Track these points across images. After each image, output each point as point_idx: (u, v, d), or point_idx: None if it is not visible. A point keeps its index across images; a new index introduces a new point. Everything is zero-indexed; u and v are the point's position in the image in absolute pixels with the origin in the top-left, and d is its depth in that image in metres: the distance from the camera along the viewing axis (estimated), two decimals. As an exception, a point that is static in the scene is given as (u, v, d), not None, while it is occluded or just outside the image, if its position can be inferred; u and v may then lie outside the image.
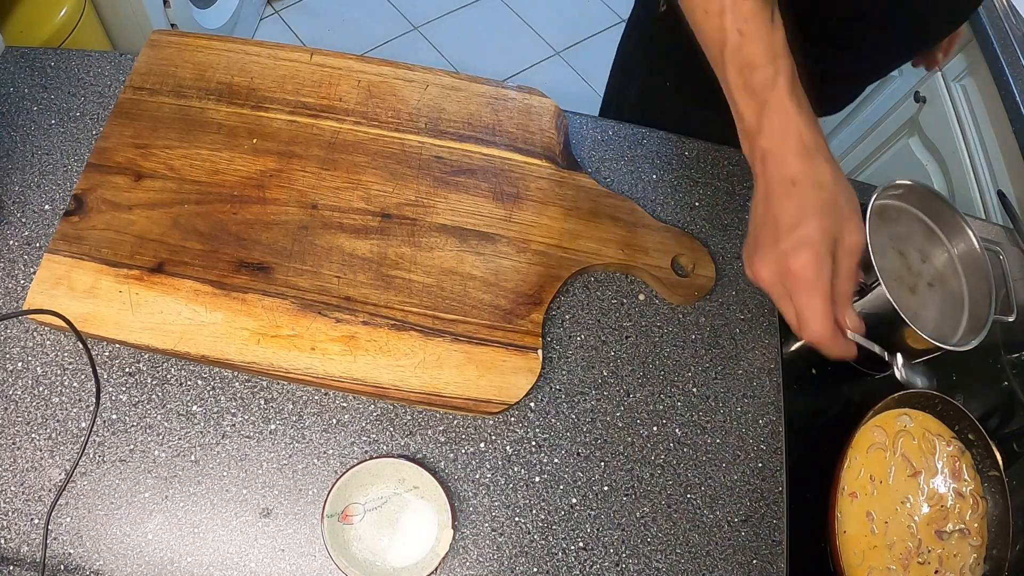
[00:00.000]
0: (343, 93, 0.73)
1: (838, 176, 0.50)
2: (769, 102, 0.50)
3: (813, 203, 0.48)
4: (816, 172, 0.49)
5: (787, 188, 0.49)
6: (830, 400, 0.71)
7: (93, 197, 0.65)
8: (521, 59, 2.18)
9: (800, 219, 0.48)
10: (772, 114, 0.49)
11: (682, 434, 0.65)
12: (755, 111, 0.50)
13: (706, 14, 0.52)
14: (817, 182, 0.48)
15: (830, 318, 0.48)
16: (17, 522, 0.55)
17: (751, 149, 0.51)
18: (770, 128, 0.50)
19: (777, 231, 0.49)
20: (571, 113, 0.78)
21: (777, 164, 0.49)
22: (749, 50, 0.50)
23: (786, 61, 0.50)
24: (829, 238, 0.48)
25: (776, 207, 0.49)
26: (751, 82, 0.50)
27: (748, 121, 0.51)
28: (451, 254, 0.66)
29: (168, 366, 0.62)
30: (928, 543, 0.65)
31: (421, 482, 0.58)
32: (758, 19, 0.50)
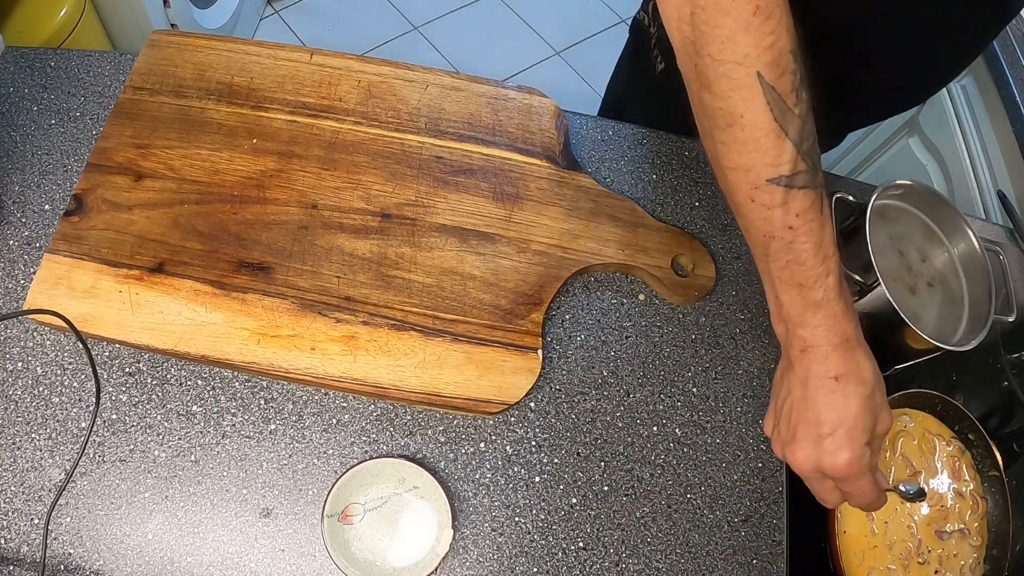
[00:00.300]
0: (343, 93, 0.73)
1: (875, 369, 0.50)
2: (816, 300, 0.48)
3: (855, 401, 0.49)
4: (859, 369, 0.49)
5: (829, 384, 0.49)
6: (830, 400, 0.71)
7: (93, 197, 0.65)
8: (521, 59, 2.17)
9: (843, 418, 0.49)
10: (819, 312, 0.49)
11: (682, 434, 0.65)
12: (800, 306, 0.49)
13: (753, 203, 0.48)
14: (860, 378, 0.49)
15: (877, 490, 0.51)
16: (17, 522, 0.55)
17: (788, 335, 0.51)
18: (814, 323, 0.49)
19: (819, 428, 0.49)
20: (571, 113, 0.78)
21: (821, 360, 0.49)
22: (799, 247, 0.48)
23: (835, 259, 0.49)
24: (869, 432, 0.50)
25: (818, 402, 0.49)
26: (798, 277, 0.48)
27: (789, 311, 0.50)
28: (451, 254, 0.66)
29: (168, 366, 0.62)
30: (928, 543, 0.65)
31: (421, 482, 0.58)
32: (809, 214, 0.47)
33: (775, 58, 0.45)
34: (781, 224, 0.48)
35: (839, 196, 0.70)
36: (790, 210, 0.47)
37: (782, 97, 0.46)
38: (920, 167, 1.32)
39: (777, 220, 0.48)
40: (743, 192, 0.49)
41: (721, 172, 0.50)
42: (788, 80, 0.46)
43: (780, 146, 0.46)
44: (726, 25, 0.44)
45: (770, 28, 0.44)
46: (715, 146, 0.49)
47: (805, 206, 0.47)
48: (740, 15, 0.44)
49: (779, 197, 0.47)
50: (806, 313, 0.49)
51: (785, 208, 0.47)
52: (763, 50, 0.45)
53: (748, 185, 0.48)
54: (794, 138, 0.46)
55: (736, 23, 0.44)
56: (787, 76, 0.45)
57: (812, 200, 0.48)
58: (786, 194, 0.47)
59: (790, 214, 0.47)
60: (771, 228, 0.48)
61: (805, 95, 0.47)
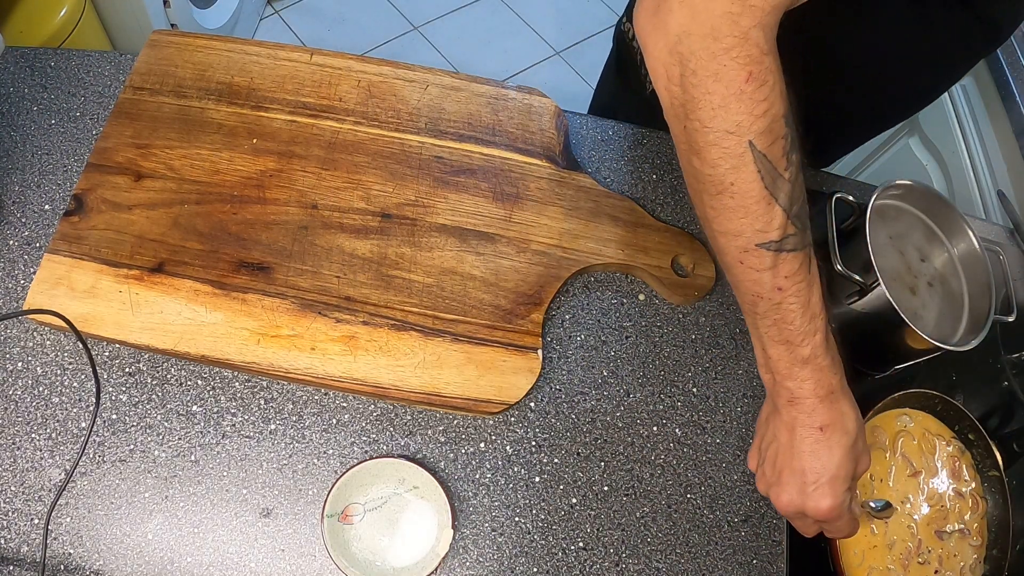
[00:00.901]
0: (343, 93, 0.73)
1: (857, 417, 0.52)
2: (804, 356, 0.49)
3: (839, 451, 0.50)
4: (843, 419, 0.51)
5: (815, 434, 0.50)
6: (830, 400, 0.71)
7: (93, 197, 0.65)
8: (521, 59, 2.17)
9: (826, 467, 0.50)
10: (806, 367, 0.50)
11: (682, 434, 0.65)
12: (787, 361, 0.50)
13: (742, 266, 0.48)
14: (843, 429, 0.51)
15: (854, 524, 0.54)
16: (17, 522, 0.55)
17: (775, 385, 0.52)
18: (802, 377, 0.50)
19: (804, 476, 0.51)
20: (571, 113, 0.78)
21: (808, 412, 0.50)
22: (787, 308, 0.48)
23: (822, 317, 0.50)
24: (850, 478, 0.51)
25: (803, 450, 0.51)
26: (785, 335, 0.49)
27: (777, 365, 0.51)
28: (451, 254, 0.66)
29: (168, 366, 0.62)
30: (928, 543, 0.65)
31: (421, 482, 0.58)
32: (798, 276, 0.48)
33: (768, 125, 0.44)
34: (770, 286, 0.48)
35: (839, 196, 0.70)
36: (779, 273, 0.48)
37: (773, 164, 0.45)
38: (920, 167, 1.32)
39: (766, 282, 0.48)
40: (732, 255, 0.49)
41: (710, 233, 0.50)
42: (779, 146, 0.45)
43: (770, 213, 0.46)
44: (717, 92, 0.43)
45: (763, 95, 0.43)
46: (704, 209, 0.49)
47: (793, 268, 0.48)
48: (732, 82, 0.43)
49: (768, 261, 0.47)
50: (793, 368, 0.50)
51: (774, 271, 0.48)
52: (755, 118, 0.44)
53: (737, 249, 0.48)
54: (784, 204, 0.46)
55: (728, 90, 0.43)
56: (779, 142, 0.45)
57: (800, 262, 0.48)
58: (775, 258, 0.47)
59: (779, 276, 0.48)
60: (759, 289, 0.49)
61: (795, 157, 0.46)
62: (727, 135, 0.44)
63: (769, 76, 0.43)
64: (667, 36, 0.44)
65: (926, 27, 0.66)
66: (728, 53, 0.43)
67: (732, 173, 0.45)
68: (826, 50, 0.67)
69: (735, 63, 0.43)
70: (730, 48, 0.43)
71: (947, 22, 0.66)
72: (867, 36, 0.67)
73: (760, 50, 0.43)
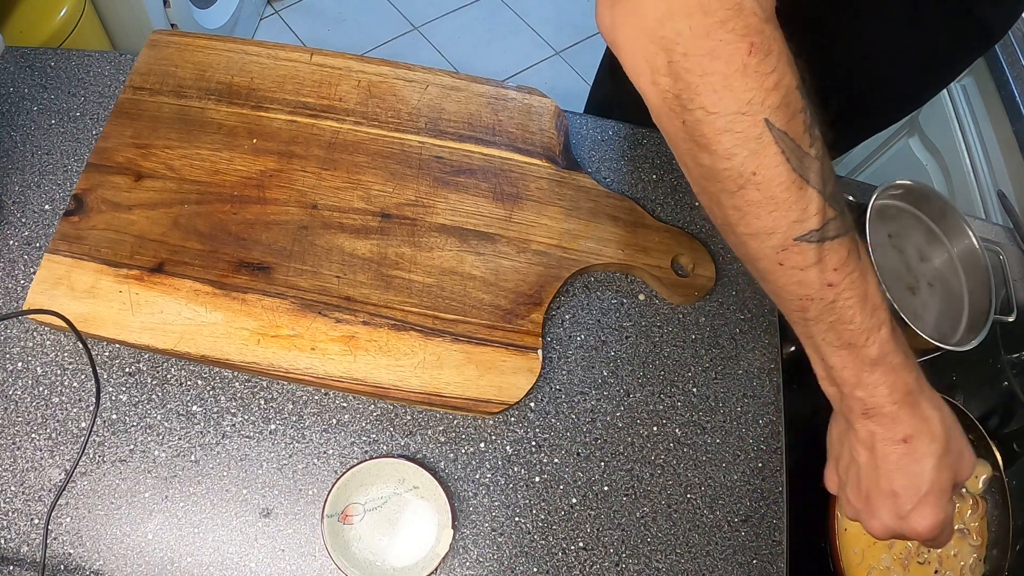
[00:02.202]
0: (343, 93, 0.73)
1: (943, 416, 0.46)
2: (872, 358, 0.44)
3: (929, 462, 0.45)
4: (928, 424, 0.45)
5: (899, 449, 0.45)
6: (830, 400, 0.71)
7: (93, 197, 0.65)
8: (521, 59, 2.17)
9: (919, 484, 0.45)
10: (876, 370, 0.44)
11: (682, 434, 0.65)
12: (854, 367, 0.44)
13: (782, 268, 0.42)
14: (930, 435, 0.45)
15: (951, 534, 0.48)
16: (17, 522, 0.55)
17: (843, 398, 0.46)
18: (873, 383, 0.44)
19: (896, 499, 0.46)
20: (571, 113, 0.78)
21: (888, 424, 0.45)
22: (843, 305, 0.42)
23: (884, 307, 0.44)
24: (949, 489, 0.46)
25: (889, 470, 0.45)
26: (846, 337, 0.43)
27: (842, 374, 0.45)
28: (451, 254, 0.66)
29: (168, 366, 0.62)
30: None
31: (421, 482, 0.58)
32: (848, 266, 0.42)
33: (782, 99, 0.38)
34: (819, 284, 0.42)
35: (839, 196, 0.70)
36: (826, 266, 0.41)
37: (796, 142, 0.39)
38: (920, 167, 1.32)
39: (813, 281, 0.42)
40: (767, 259, 0.42)
41: (736, 240, 0.43)
42: (799, 121, 0.39)
43: (804, 198, 0.40)
44: (718, 71, 0.38)
45: (770, 67, 0.38)
46: (724, 212, 0.42)
47: (842, 257, 0.41)
48: (733, 57, 0.37)
49: (812, 255, 0.41)
50: (862, 374, 0.44)
51: (820, 266, 0.41)
52: (767, 92, 0.38)
53: (773, 250, 0.42)
54: (816, 184, 0.40)
55: (729, 67, 0.38)
56: (798, 117, 0.39)
57: (848, 248, 0.42)
58: (819, 250, 0.41)
59: (827, 271, 0.41)
60: (807, 291, 0.42)
61: (818, 132, 0.41)
62: (739, 116, 0.38)
63: (773, 45, 0.38)
64: (642, 23, 0.39)
65: (921, 27, 0.66)
66: (723, 27, 0.37)
67: (752, 160, 0.39)
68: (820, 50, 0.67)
69: (732, 36, 0.37)
70: (724, 21, 0.37)
71: (942, 22, 0.66)
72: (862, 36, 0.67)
73: (758, 18, 0.38)
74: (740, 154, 0.39)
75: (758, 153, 0.39)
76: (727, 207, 0.42)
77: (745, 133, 0.39)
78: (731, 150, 0.39)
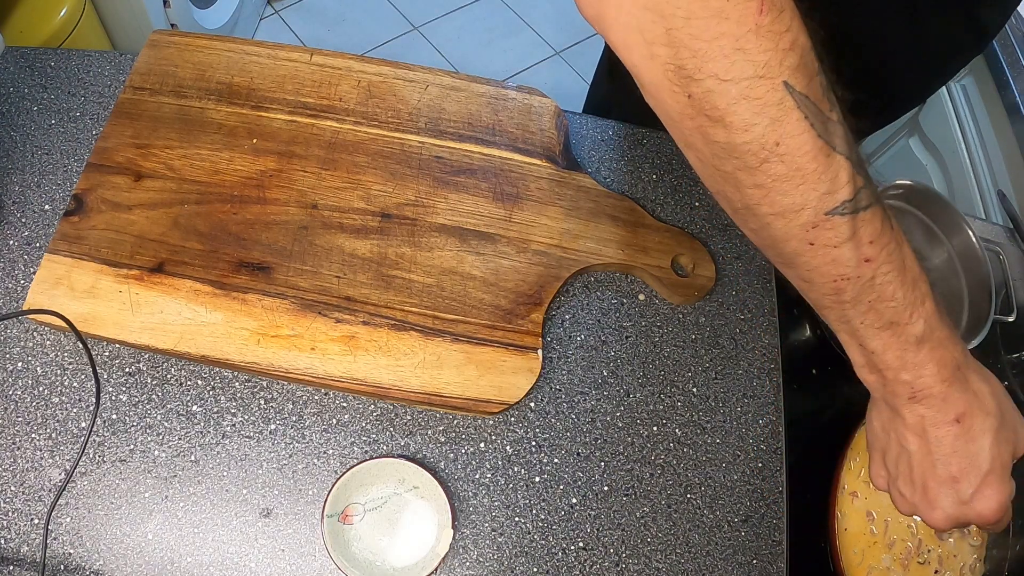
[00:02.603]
0: (343, 93, 0.73)
1: (994, 388, 0.44)
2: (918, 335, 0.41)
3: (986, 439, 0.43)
4: (979, 399, 0.43)
5: (952, 430, 0.42)
6: (830, 400, 0.71)
7: (93, 197, 0.65)
8: (521, 59, 2.17)
9: (978, 464, 0.43)
10: (922, 348, 0.41)
11: (682, 434, 0.65)
12: (897, 348, 0.42)
13: (813, 248, 0.39)
14: (984, 411, 0.43)
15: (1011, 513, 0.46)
16: (17, 522, 0.55)
17: (886, 384, 0.44)
18: (919, 363, 0.42)
19: (955, 484, 0.43)
20: (571, 113, 0.78)
21: (938, 405, 0.42)
22: (882, 281, 0.39)
23: (924, 278, 0.41)
24: (1009, 462, 0.44)
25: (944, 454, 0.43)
26: (888, 316, 0.40)
27: (884, 358, 0.42)
28: (451, 254, 0.66)
29: (168, 366, 0.62)
30: (928, 543, 0.65)
31: (421, 482, 0.58)
32: (884, 237, 0.39)
33: (799, 60, 0.35)
34: (855, 261, 0.39)
35: (839, 196, 0.70)
36: (861, 240, 0.38)
37: (817, 106, 0.36)
38: (920, 167, 1.32)
39: (848, 258, 0.39)
40: (797, 239, 0.39)
41: (758, 223, 0.40)
42: (818, 84, 0.37)
43: (832, 167, 0.37)
44: (728, 32, 0.34)
45: (784, 25, 0.35)
46: (744, 193, 0.39)
47: (877, 229, 0.39)
48: (744, 17, 0.34)
49: (846, 230, 0.38)
50: (907, 354, 0.42)
51: (855, 241, 0.38)
52: (784, 53, 0.35)
53: (803, 228, 0.38)
54: (843, 151, 0.37)
55: (741, 28, 0.34)
56: (816, 80, 0.37)
57: (881, 218, 0.39)
58: (853, 223, 0.38)
59: (862, 245, 0.38)
60: (842, 270, 0.39)
61: (835, 96, 0.38)
62: (757, 81, 0.35)
63: (784, 2, 0.35)
64: None
65: (917, 27, 0.66)
66: None
67: (774, 129, 0.36)
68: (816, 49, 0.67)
69: None
70: None
71: (938, 22, 0.66)
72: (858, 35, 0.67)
73: None
74: (760, 123, 0.36)
75: (780, 121, 0.36)
76: (747, 186, 0.38)
77: (764, 99, 0.35)
78: (750, 120, 0.36)
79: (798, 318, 0.73)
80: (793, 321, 0.73)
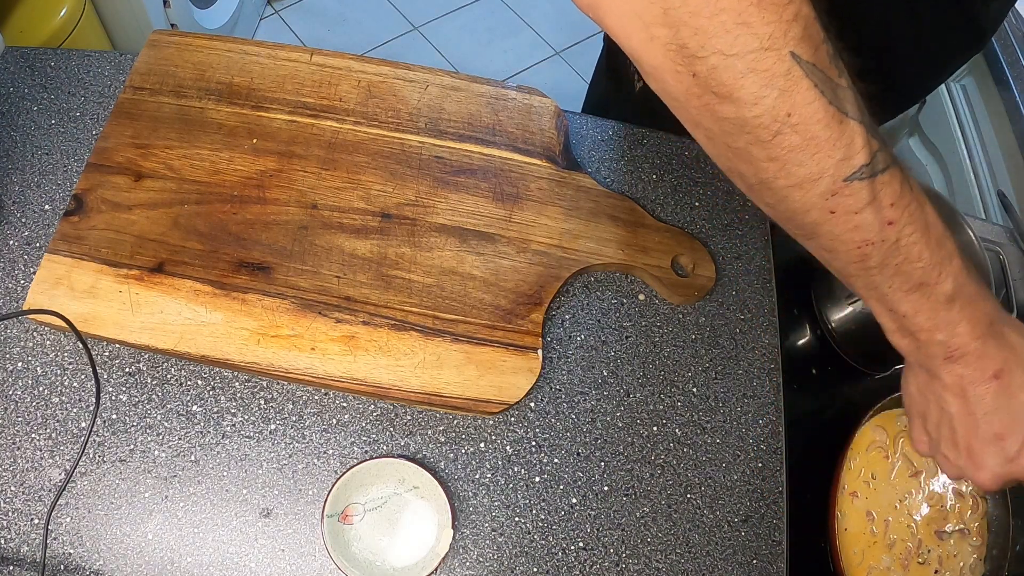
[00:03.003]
0: (343, 93, 0.73)
1: None
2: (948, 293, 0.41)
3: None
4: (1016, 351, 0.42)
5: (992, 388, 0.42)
6: (830, 400, 0.71)
7: (93, 197, 0.65)
8: (521, 59, 2.17)
9: (1021, 418, 0.42)
10: (953, 306, 0.41)
11: (682, 434, 0.65)
12: (928, 309, 0.41)
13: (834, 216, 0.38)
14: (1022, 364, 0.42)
15: None
16: (17, 522, 0.55)
17: (920, 346, 0.43)
18: (952, 321, 0.41)
19: (1000, 442, 0.43)
20: (571, 113, 0.78)
21: (975, 363, 0.42)
22: (907, 242, 0.39)
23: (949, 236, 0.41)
24: None
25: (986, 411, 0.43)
26: (916, 277, 0.40)
27: (916, 320, 0.42)
28: (451, 254, 0.66)
29: (168, 366, 0.62)
30: (928, 543, 0.65)
31: (421, 482, 0.58)
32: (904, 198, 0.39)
33: (803, 31, 0.35)
34: (877, 225, 0.38)
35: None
36: (882, 203, 0.38)
37: (825, 73, 0.36)
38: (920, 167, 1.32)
39: (871, 223, 0.38)
40: (816, 209, 0.38)
41: (775, 197, 0.39)
42: (824, 52, 0.36)
43: (846, 132, 0.37)
44: (730, 7, 0.34)
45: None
46: (758, 168, 0.39)
47: (896, 190, 0.38)
48: None
49: (865, 194, 0.38)
50: (938, 314, 0.41)
51: (876, 205, 0.38)
52: (788, 24, 0.35)
53: (822, 197, 0.38)
54: (856, 116, 0.37)
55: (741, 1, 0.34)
56: (822, 48, 0.36)
57: (899, 179, 0.39)
58: (872, 186, 0.37)
59: (884, 208, 0.38)
60: (866, 235, 0.39)
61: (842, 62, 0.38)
62: (762, 53, 0.35)
63: None
64: None
65: (916, 26, 0.66)
66: None
67: (784, 100, 0.36)
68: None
69: None
70: None
71: (936, 21, 0.66)
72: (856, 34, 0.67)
73: None
74: (769, 95, 0.36)
75: (789, 91, 0.36)
76: (761, 160, 0.38)
77: (772, 71, 0.35)
78: (758, 92, 0.36)
79: (798, 318, 0.73)
80: (793, 321, 0.73)
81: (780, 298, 0.72)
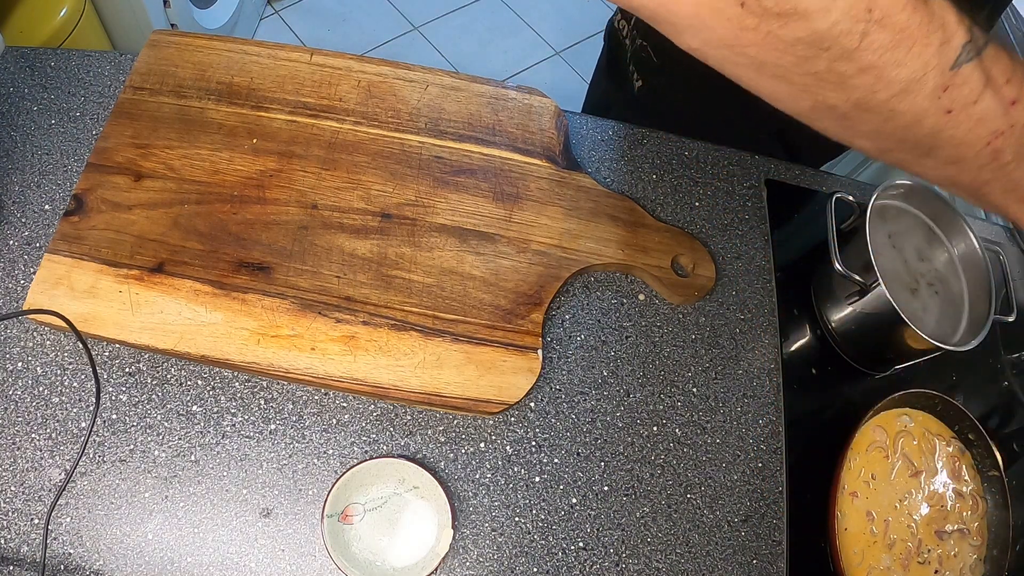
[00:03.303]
0: (343, 93, 0.73)
1: None
2: None
3: None
4: None
5: None
6: (830, 400, 0.71)
7: (93, 197, 0.65)
8: (521, 59, 2.18)
9: None
10: None
11: (682, 434, 0.65)
12: None
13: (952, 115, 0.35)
14: None
15: None
16: (17, 522, 0.55)
17: None
18: None
19: None
20: (571, 113, 0.78)
21: None
22: None
23: None
24: None
25: None
26: None
27: None
28: (451, 254, 0.66)
29: (168, 366, 0.62)
30: (928, 543, 0.65)
31: (421, 482, 0.58)
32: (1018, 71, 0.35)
33: None
34: (1001, 109, 0.34)
35: (839, 196, 0.70)
36: (998, 83, 0.34)
37: None
38: (920, 167, 1.31)
39: (994, 109, 0.34)
40: (931, 113, 0.34)
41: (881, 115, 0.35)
42: None
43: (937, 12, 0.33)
44: None
45: None
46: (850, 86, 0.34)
47: (1007, 64, 0.34)
48: None
49: (978, 78, 0.33)
50: None
51: (992, 86, 0.34)
52: None
53: (933, 97, 0.33)
54: None
55: None
56: None
57: (1006, 52, 0.34)
58: (981, 66, 0.33)
59: (1001, 87, 0.34)
60: (993, 125, 0.35)
61: None
62: None
63: None
64: None
65: None
66: None
67: None
68: None
69: None
70: None
71: None
72: None
73: None
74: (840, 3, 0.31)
75: None
76: (852, 76, 0.33)
77: None
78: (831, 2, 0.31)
79: (798, 318, 0.73)
80: (793, 321, 0.73)
81: (780, 298, 0.72)
